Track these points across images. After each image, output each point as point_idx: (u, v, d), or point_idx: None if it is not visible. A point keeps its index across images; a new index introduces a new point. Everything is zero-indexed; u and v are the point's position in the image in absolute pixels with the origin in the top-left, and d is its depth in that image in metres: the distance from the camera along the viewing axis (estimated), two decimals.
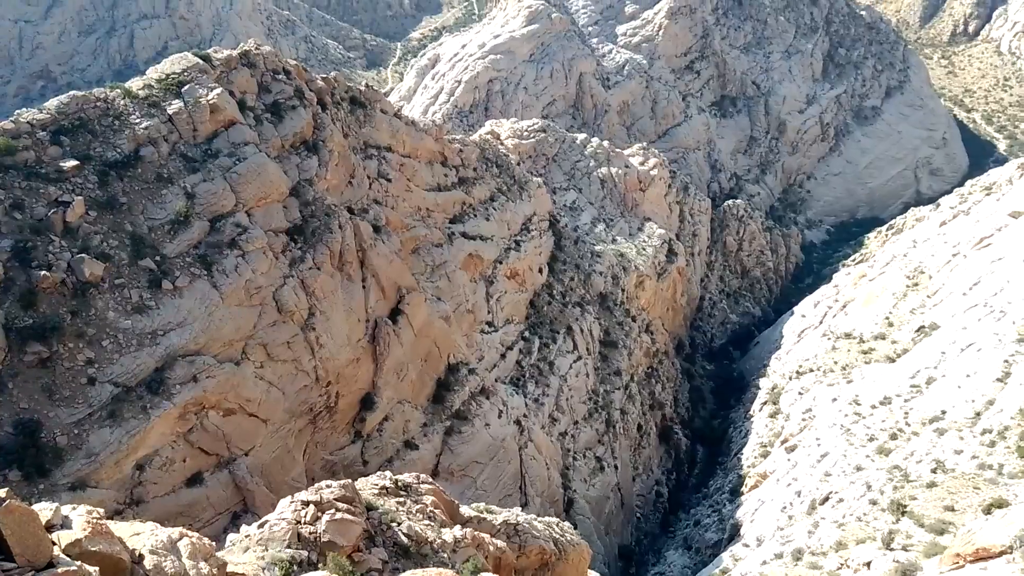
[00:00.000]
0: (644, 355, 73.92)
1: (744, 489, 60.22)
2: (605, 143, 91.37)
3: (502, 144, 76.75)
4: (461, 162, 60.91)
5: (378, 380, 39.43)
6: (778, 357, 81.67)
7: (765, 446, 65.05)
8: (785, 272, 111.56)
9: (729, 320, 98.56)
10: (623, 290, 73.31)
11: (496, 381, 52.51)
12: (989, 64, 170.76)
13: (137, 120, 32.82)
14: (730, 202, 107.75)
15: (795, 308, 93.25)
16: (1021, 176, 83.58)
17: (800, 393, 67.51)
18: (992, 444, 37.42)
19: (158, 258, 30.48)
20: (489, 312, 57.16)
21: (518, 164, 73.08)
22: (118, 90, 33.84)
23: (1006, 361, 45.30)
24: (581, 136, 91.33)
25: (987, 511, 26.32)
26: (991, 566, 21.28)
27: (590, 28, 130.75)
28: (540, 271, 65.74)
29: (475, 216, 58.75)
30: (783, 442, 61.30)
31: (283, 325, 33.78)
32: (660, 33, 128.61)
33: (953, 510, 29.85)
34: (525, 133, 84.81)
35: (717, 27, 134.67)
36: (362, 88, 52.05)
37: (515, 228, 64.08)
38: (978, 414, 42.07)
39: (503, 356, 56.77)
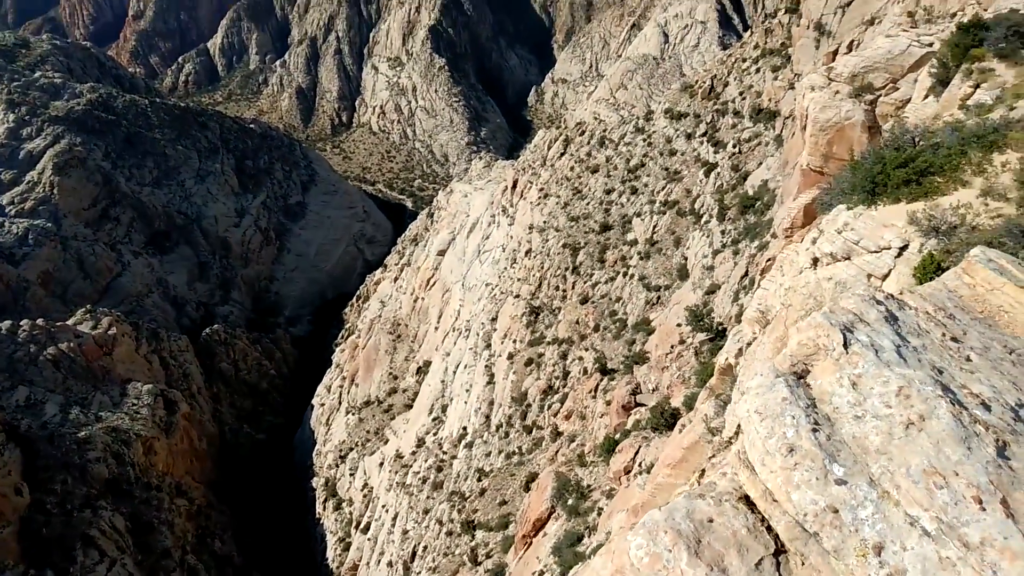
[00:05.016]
0: (187, 520, 66.50)
1: None
2: (39, 321, 79.33)
3: None
4: None
5: None
6: (318, 452, 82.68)
7: (343, 539, 65.20)
8: (289, 373, 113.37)
9: (256, 441, 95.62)
10: (133, 464, 64.66)
11: None
12: (371, 143, 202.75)
13: None
14: (207, 330, 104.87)
15: (312, 401, 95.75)
16: (432, 223, 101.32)
17: (351, 473, 69.57)
18: (507, 435, 44.51)
19: None
20: None
21: None
22: None
23: (487, 366, 54.41)
24: (6, 324, 77.44)
25: (526, 488, 31.10)
26: (548, 529, 25.38)
27: None
28: (18, 492, 53.54)
29: None
30: (357, 526, 62.30)
31: None
32: (55, 192, 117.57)
33: (506, 503, 34.47)
34: None
35: (118, 170, 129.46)
36: None
37: None
38: (488, 417, 49.57)
39: None
